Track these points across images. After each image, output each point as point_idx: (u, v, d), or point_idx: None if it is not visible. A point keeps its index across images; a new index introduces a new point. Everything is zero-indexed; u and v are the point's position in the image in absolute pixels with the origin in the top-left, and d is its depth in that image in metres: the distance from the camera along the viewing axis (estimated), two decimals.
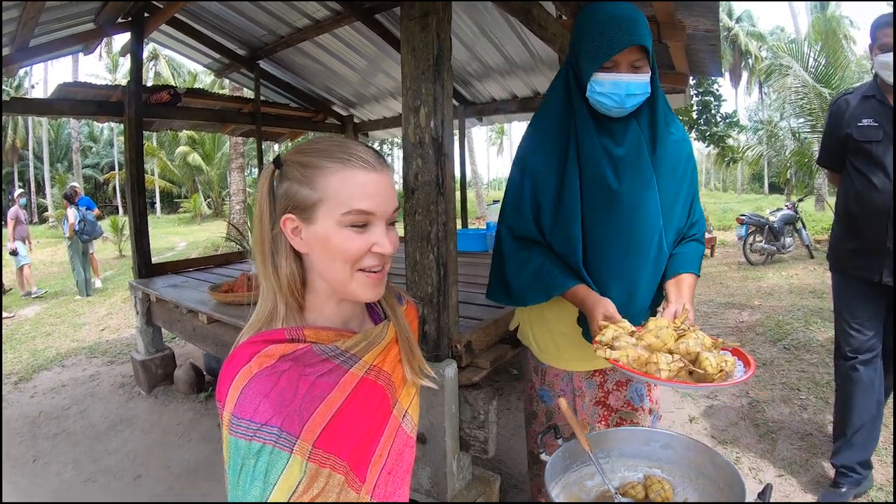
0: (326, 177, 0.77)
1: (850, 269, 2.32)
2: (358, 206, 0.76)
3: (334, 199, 0.76)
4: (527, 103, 5.06)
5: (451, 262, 1.82)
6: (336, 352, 0.81)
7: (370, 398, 0.84)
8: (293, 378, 0.74)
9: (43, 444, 3.24)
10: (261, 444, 0.69)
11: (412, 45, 1.71)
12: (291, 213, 0.78)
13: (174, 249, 14.15)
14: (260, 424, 0.69)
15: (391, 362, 0.90)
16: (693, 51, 3.25)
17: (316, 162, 0.78)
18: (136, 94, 3.87)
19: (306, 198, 0.77)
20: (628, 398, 1.73)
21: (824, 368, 3.64)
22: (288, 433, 0.71)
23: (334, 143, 0.81)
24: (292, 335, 0.78)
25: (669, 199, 1.47)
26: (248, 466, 0.69)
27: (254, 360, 0.73)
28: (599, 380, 1.73)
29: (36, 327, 6.32)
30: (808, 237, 9.31)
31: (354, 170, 0.78)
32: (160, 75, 26.58)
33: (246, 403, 0.70)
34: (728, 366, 1.15)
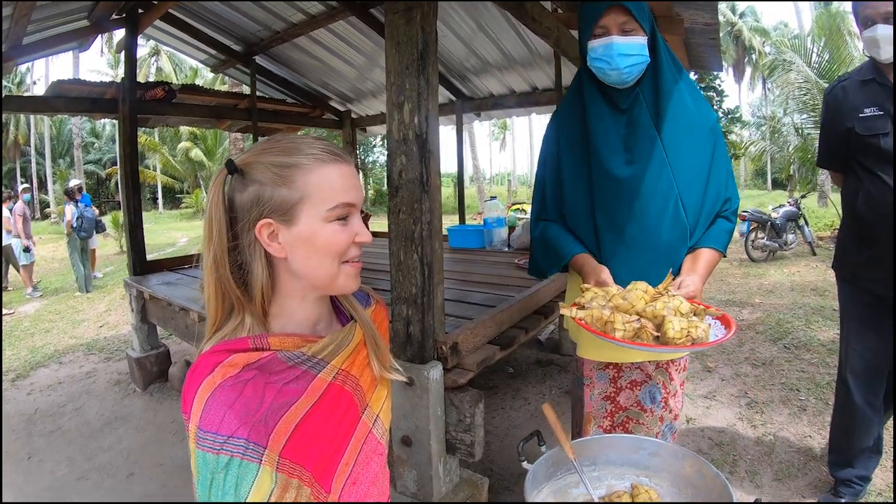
0: (306, 174, 0.75)
1: (860, 281, 2.05)
2: (343, 199, 0.77)
3: (318, 195, 0.75)
4: (525, 98, 5.03)
5: (436, 261, 1.78)
6: (302, 358, 0.79)
7: (337, 405, 0.81)
8: (258, 387, 0.71)
9: (38, 442, 3.24)
10: (228, 457, 0.67)
11: (396, 39, 1.67)
12: (268, 218, 0.76)
13: (175, 245, 14.13)
14: (226, 437, 0.67)
15: (359, 365, 0.88)
16: (692, 45, 3.20)
17: (291, 161, 0.76)
18: (130, 90, 3.84)
19: (286, 198, 0.75)
20: (639, 398, 1.70)
21: (825, 369, 3.59)
22: (255, 444, 0.69)
23: (300, 141, 0.79)
24: (256, 344, 0.76)
25: (686, 172, 1.44)
26: (219, 480, 0.67)
27: (217, 370, 0.71)
28: (612, 374, 1.71)
29: (35, 324, 6.32)
30: (811, 234, 9.24)
31: (331, 164, 0.77)
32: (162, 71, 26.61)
33: (211, 416, 0.68)
34: (697, 332, 1.12)
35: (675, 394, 1.70)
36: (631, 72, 1.40)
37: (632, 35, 1.37)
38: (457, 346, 1.87)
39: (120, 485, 2.77)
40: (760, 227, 9.03)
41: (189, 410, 0.70)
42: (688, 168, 1.44)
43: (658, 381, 1.69)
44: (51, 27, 3.68)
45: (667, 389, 1.69)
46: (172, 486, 2.74)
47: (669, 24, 2.66)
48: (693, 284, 1.35)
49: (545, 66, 4.46)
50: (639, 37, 1.37)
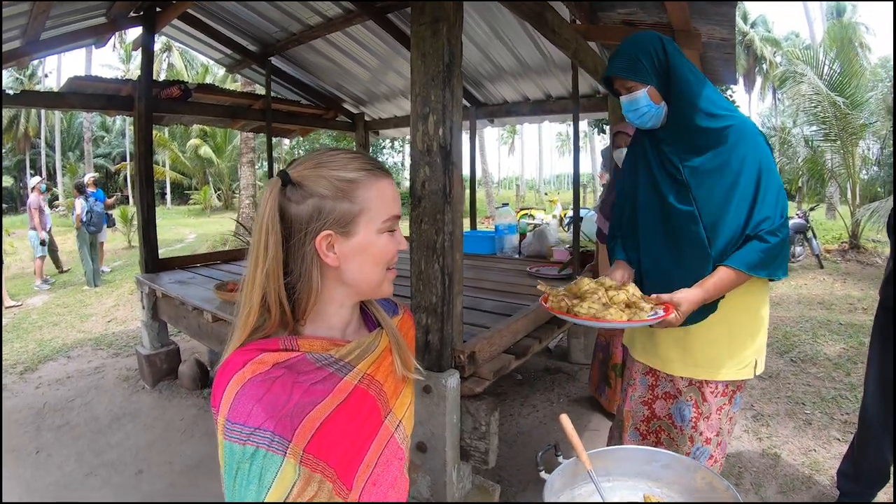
0: (365, 189, 0.82)
1: (884, 298, 2.03)
2: (394, 211, 0.85)
3: (374, 208, 0.82)
4: (539, 106, 5.05)
5: (456, 271, 1.81)
6: (330, 360, 0.82)
7: (360, 407, 0.85)
8: (287, 384, 0.75)
9: (46, 436, 3.26)
10: (254, 448, 0.70)
11: (422, 50, 1.70)
12: (329, 229, 0.80)
13: (183, 241, 14.19)
14: (253, 428, 0.71)
15: (384, 371, 0.91)
16: (708, 59, 3.22)
17: (351, 176, 0.81)
18: (146, 88, 3.88)
19: (347, 212, 0.80)
20: (671, 412, 1.78)
21: (830, 383, 3.60)
22: (280, 437, 0.72)
23: (352, 156, 0.84)
24: (286, 345, 0.80)
25: (712, 202, 1.53)
26: (244, 470, 0.70)
27: (247, 366, 0.75)
28: (651, 381, 1.83)
29: (43, 317, 6.36)
30: (819, 246, 9.22)
31: (382, 179, 0.84)
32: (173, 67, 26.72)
33: (239, 408, 0.71)
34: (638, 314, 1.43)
35: (709, 417, 1.70)
36: (644, 121, 1.59)
37: (633, 92, 1.55)
38: (474, 355, 1.89)
39: (128, 482, 2.78)
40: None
41: (218, 404, 0.74)
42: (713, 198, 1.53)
43: (689, 399, 1.73)
44: (68, 23, 3.71)
45: (698, 409, 1.71)
46: (181, 485, 2.75)
47: (687, 38, 2.68)
48: (685, 295, 1.48)
49: (560, 74, 4.48)
50: (638, 91, 1.54)
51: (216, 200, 26.33)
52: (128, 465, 2.94)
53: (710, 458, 1.73)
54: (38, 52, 3.74)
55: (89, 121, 24.02)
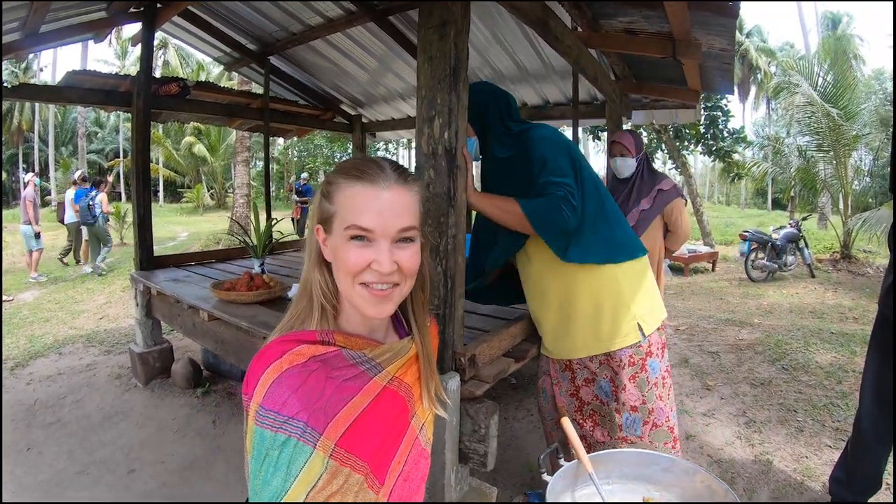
0: (339, 192, 0.82)
1: (884, 307, 2.08)
2: (356, 221, 0.80)
3: (342, 213, 0.81)
4: (537, 112, 5.06)
5: (458, 274, 1.82)
6: (363, 358, 0.84)
7: (391, 407, 0.87)
8: (320, 378, 0.77)
9: (37, 433, 3.23)
10: (286, 437, 0.72)
11: (429, 53, 1.71)
12: (319, 224, 0.85)
13: (175, 239, 14.13)
14: (287, 417, 0.72)
15: (412, 376, 0.93)
16: (706, 68, 3.25)
17: (336, 178, 0.84)
18: (145, 84, 3.86)
19: (327, 210, 0.84)
20: (596, 393, 2.07)
21: (822, 391, 3.63)
22: (313, 429, 0.73)
23: (356, 161, 0.86)
24: (323, 337, 0.82)
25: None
26: (272, 457, 0.72)
27: (285, 356, 0.77)
28: (570, 374, 2.13)
29: (34, 312, 6.31)
30: (810, 256, 9.31)
31: (360, 185, 0.81)
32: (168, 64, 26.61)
33: (275, 396, 0.73)
34: None
35: (625, 388, 1.99)
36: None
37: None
38: (475, 357, 1.90)
39: (120, 481, 2.76)
40: (761, 247, 9.10)
41: (251, 391, 0.76)
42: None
43: (605, 376, 2.04)
44: (67, 17, 3.70)
45: (614, 384, 2.02)
46: (173, 484, 2.74)
47: (687, 48, 2.70)
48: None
49: (559, 80, 4.50)
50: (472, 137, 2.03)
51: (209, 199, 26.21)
52: (120, 463, 2.92)
53: (644, 424, 2.02)
54: (36, 45, 3.73)
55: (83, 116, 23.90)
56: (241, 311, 2.82)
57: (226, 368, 3.99)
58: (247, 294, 2.93)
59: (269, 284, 3.10)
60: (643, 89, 4.15)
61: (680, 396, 3.73)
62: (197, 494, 2.65)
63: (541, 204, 1.83)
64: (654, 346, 2.03)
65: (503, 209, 1.88)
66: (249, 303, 2.94)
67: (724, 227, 17.98)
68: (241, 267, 4.20)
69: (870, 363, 2.15)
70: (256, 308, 2.88)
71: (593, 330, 1.99)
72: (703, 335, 5.23)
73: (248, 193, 12.37)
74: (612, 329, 1.97)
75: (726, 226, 18.44)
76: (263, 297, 2.97)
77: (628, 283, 1.99)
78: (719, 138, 11.24)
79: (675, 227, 3.15)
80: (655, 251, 3.15)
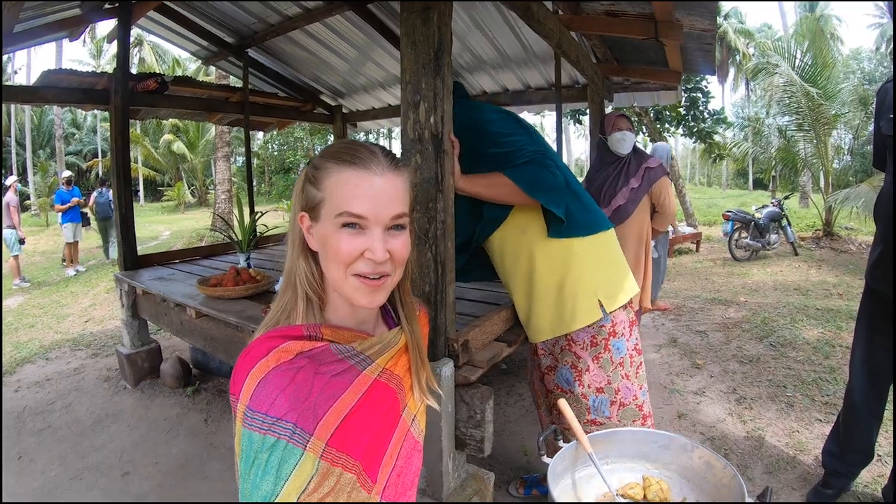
0: (329, 177, 0.78)
1: (872, 281, 2.07)
2: (349, 208, 0.76)
3: (332, 199, 0.77)
4: (518, 97, 5.04)
5: (448, 260, 1.81)
6: (352, 352, 0.82)
7: (382, 400, 0.84)
8: (309, 375, 0.74)
9: (28, 441, 3.18)
10: (275, 439, 0.69)
11: (412, 38, 1.68)
12: (304, 211, 0.81)
13: (158, 238, 13.96)
14: (276, 419, 0.70)
15: (402, 368, 0.91)
16: (687, 49, 3.25)
17: (324, 162, 0.80)
18: (122, 81, 3.78)
19: (314, 197, 0.79)
20: (557, 382, 2.07)
21: (810, 366, 3.68)
22: (302, 429, 0.71)
23: (346, 145, 0.82)
24: (310, 332, 0.79)
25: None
26: (261, 460, 0.69)
27: (271, 354, 0.74)
28: (535, 360, 2.16)
29: (19, 318, 6.20)
30: (793, 234, 9.43)
31: (352, 171, 0.78)
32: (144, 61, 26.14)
33: (262, 397, 0.70)
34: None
35: (588, 369, 1.99)
36: None
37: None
38: (467, 343, 1.90)
39: (114, 484, 2.73)
40: (744, 226, 9.19)
41: (238, 391, 0.73)
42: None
43: (566, 363, 2.03)
44: (41, 16, 3.60)
45: (576, 368, 2.01)
46: (168, 485, 2.71)
47: (669, 29, 2.70)
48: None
49: (540, 64, 4.48)
50: None
51: (190, 196, 25.93)
52: (113, 467, 2.88)
53: (612, 405, 2.01)
54: (11, 45, 3.63)
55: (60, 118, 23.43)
56: (228, 306, 2.79)
57: (215, 366, 3.96)
58: (234, 289, 2.90)
59: (256, 278, 3.07)
60: (625, 72, 4.15)
61: (670, 376, 3.77)
62: (192, 494, 2.63)
63: (527, 170, 1.83)
64: (618, 326, 2.00)
65: (493, 185, 1.87)
66: (237, 298, 2.91)
67: (706, 207, 18.14)
68: (226, 262, 4.16)
69: (858, 336, 2.18)
70: (244, 303, 2.85)
71: (556, 309, 1.98)
72: (691, 315, 5.29)
73: (230, 189, 12.23)
74: (572, 306, 1.95)
75: (709, 207, 18.60)
76: (251, 292, 2.94)
77: (589, 258, 1.96)
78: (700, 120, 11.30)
79: (662, 206, 3.16)
80: (644, 232, 3.16)
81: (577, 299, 1.94)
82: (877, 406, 2.14)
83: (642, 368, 2.11)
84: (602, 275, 1.98)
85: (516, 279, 2.07)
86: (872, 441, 2.22)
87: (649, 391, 3.45)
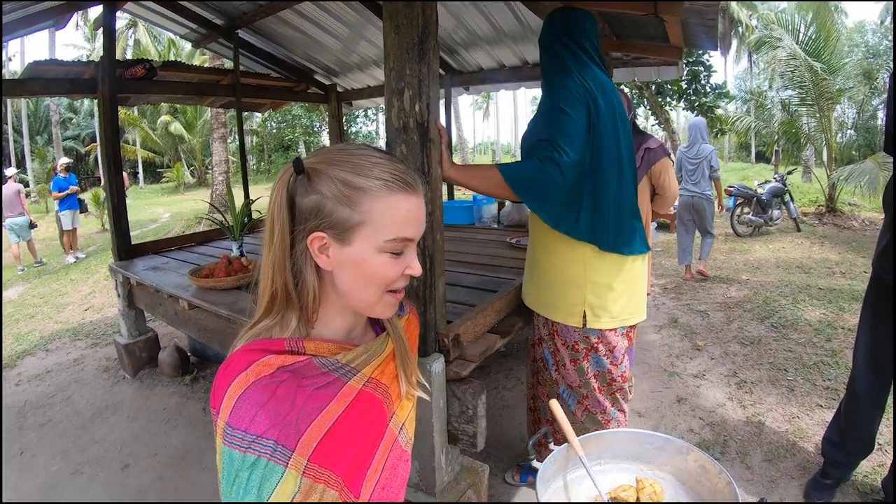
0: (371, 200, 0.73)
1: (879, 269, 2.02)
2: (402, 234, 0.75)
3: (378, 224, 0.73)
4: (515, 73, 4.95)
5: (437, 253, 1.75)
6: (336, 365, 0.79)
7: (367, 411, 0.81)
8: (290, 389, 0.71)
9: (30, 436, 3.17)
10: (255, 457, 0.67)
11: (396, 22, 1.60)
12: (323, 232, 0.74)
13: (157, 221, 13.90)
14: (255, 436, 0.67)
15: (389, 375, 0.88)
16: (689, 25, 3.15)
17: (359, 182, 0.73)
18: (109, 69, 3.70)
19: (347, 219, 0.73)
20: (543, 356, 2.09)
21: (811, 349, 3.64)
22: (283, 446, 0.68)
23: (374, 161, 0.76)
24: (292, 346, 0.75)
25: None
26: (242, 479, 0.67)
27: (251, 368, 0.71)
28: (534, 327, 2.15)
29: (19, 309, 6.20)
30: (796, 210, 9.34)
31: (399, 194, 0.75)
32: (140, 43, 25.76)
33: (241, 413, 0.68)
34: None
35: (565, 365, 2.00)
36: None
37: None
38: (458, 337, 1.86)
39: (115, 478, 2.73)
40: (746, 202, 9.10)
41: (219, 406, 0.70)
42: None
43: (549, 346, 2.05)
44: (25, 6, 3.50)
45: (555, 357, 2.03)
46: (168, 477, 2.71)
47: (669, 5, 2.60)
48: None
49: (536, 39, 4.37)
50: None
51: (189, 177, 25.81)
52: (113, 460, 2.88)
53: (579, 404, 2.02)
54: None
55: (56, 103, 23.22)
56: (220, 297, 2.76)
57: (213, 353, 3.94)
58: (225, 280, 2.86)
59: (248, 267, 3.02)
60: (624, 47, 4.03)
61: (670, 358, 3.74)
62: (191, 486, 2.63)
63: (520, 167, 1.74)
64: (605, 345, 1.93)
65: (483, 178, 1.77)
66: (228, 288, 2.87)
67: None
68: (220, 249, 4.12)
69: (863, 324, 2.13)
70: (236, 293, 2.82)
71: (544, 289, 2.00)
72: (692, 293, 5.25)
73: (227, 170, 12.15)
74: (557, 299, 1.94)
75: None
76: (242, 282, 2.90)
77: (595, 270, 1.87)
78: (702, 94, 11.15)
79: (662, 188, 3.08)
80: (643, 214, 3.10)
81: (565, 297, 1.92)
82: (879, 396, 2.11)
83: (623, 394, 2.03)
84: (602, 292, 1.88)
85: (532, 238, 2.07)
86: (874, 431, 2.19)
87: (649, 375, 3.45)
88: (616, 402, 2.04)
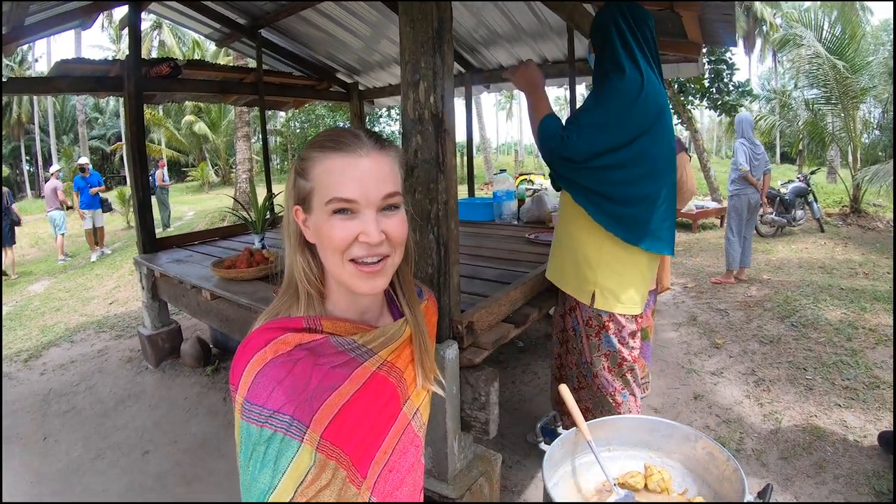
0: (315, 166, 0.77)
1: None
2: (340, 193, 0.74)
3: (321, 187, 0.76)
4: None
5: (451, 241, 1.78)
6: (353, 345, 0.81)
7: (380, 394, 0.83)
8: (307, 367, 0.74)
9: (53, 422, 3.28)
10: (272, 432, 0.69)
11: (411, 16, 1.64)
12: (297, 205, 0.80)
13: (182, 219, 14.15)
14: (272, 411, 0.70)
15: (405, 360, 0.89)
16: (706, 20, 3.13)
17: (309, 153, 0.78)
18: (135, 68, 3.79)
19: (303, 188, 0.78)
20: (573, 325, 2.21)
21: (831, 349, 3.59)
22: (299, 422, 0.71)
23: (328, 133, 0.80)
24: (310, 324, 0.78)
25: None
26: (259, 452, 0.69)
27: (269, 346, 0.73)
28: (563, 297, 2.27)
29: (45, 302, 6.37)
30: (820, 210, 9.16)
31: (337, 156, 0.76)
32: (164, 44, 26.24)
33: (259, 389, 0.70)
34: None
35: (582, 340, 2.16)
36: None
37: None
38: (472, 325, 1.88)
39: (135, 464, 2.81)
40: (769, 201, 8.96)
41: (237, 382, 0.73)
42: None
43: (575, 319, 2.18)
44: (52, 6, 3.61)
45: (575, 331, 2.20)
46: (187, 463, 2.78)
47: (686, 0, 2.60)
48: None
49: (556, 38, 4.38)
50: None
51: (214, 176, 26.18)
52: (134, 446, 2.96)
53: (595, 377, 2.15)
54: (23, 37, 3.64)
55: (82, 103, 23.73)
56: (241, 287, 2.82)
57: (234, 345, 4.01)
58: (246, 271, 2.92)
59: (269, 259, 3.09)
60: None
61: (688, 355, 3.72)
62: (209, 472, 2.69)
63: (550, 124, 1.97)
64: (615, 325, 2.08)
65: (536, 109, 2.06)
66: (249, 279, 2.93)
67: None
68: (242, 243, 4.19)
69: None
70: (257, 284, 2.88)
71: (562, 263, 2.18)
72: (712, 292, 5.20)
73: (251, 168, 12.29)
74: (571, 276, 2.12)
75: None
76: (263, 273, 2.96)
77: (613, 258, 2.02)
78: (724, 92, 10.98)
79: (679, 183, 3.06)
80: None
81: (577, 275, 2.09)
82: None
83: (634, 375, 2.16)
84: (612, 278, 2.04)
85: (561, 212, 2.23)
86: None
87: (666, 372, 3.43)
88: (627, 385, 2.13)
